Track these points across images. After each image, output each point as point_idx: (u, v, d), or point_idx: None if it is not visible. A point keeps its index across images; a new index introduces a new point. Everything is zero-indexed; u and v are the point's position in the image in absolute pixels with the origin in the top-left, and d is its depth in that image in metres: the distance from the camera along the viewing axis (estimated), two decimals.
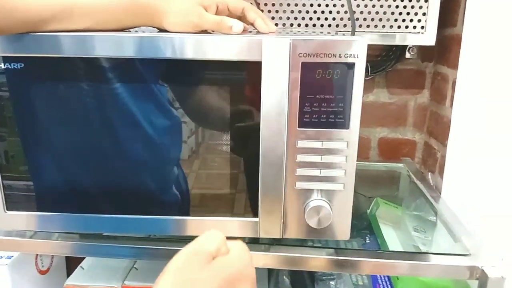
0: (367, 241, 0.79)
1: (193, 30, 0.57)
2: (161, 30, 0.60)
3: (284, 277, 0.77)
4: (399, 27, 0.89)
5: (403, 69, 1.02)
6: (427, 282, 0.76)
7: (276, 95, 0.53)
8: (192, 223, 0.62)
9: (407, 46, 0.94)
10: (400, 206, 0.90)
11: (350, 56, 0.53)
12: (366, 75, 1.00)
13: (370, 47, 0.98)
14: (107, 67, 0.57)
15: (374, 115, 1.06)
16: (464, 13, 0.81)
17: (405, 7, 0.87)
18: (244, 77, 0.56)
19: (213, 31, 0.59)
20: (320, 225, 0.59)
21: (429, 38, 0.89)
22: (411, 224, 0.83)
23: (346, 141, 0.56)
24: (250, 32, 0.61)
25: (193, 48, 0.54)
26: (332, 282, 0.76)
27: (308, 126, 0.56)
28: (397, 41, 0.90)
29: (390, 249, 0.73)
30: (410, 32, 0.89)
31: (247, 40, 0.53)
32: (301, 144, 0.56)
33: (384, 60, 1.00)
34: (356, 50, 0.53)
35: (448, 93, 0.91)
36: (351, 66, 0.53)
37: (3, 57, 0.56)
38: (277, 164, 0.55)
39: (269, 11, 0.90)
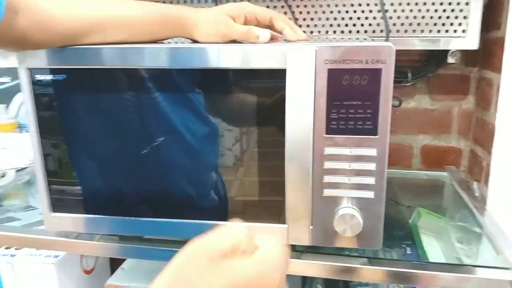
0: (408, 252, 0.77)
1: (222, 40, 0.59)
2: (194, 40, 0.62)
3: (318, 285, 0.77)
4: (438, 31, 0.86)
5: (446, 74, 0.99)
6: None
7: (302, 102, 0.54)
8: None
9: (449, 50, 0.91)
10: (444, 216, 0.86)
11: (377, 61, 0.53)
12: (407, 81, 0.98)
13: (410, 52, 0.96)
14: (145, 77, 0.60)
15: (416, 122, 1.03)
16: (507, 15, 0.77)
17: (444, 10, 0.85)
18: (271, 85, 0.57)
19: (241, 40, 0.60)
20: (349, 233, 0.58)
21: (471, 42, 0.86)
22: (455, 235, 0.80)
23: (376, 148, 0.55)
24: (284, 40, 0.62)
25: (221, 58, 0.56)
26: None
27: (336, 133, 0.56)
28: (438, 45, 0.88)
29: (431, 260, 0.71)
30: (451, 36, 0.87)
31: (272, 48, 0.54)
32: (329, 151, 0.56)
33: (425, 66, 0.98)
34: (383, 55, 0.52)
35: (493, 99, 0.87)
36: (378, 72, 0.53)
37: (46, 69, 0.60)
38: (303, 171, 0.56)
39: (304, 19, 0.90)
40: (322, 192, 0.58)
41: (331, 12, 0.89)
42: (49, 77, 0.61)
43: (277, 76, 0.55)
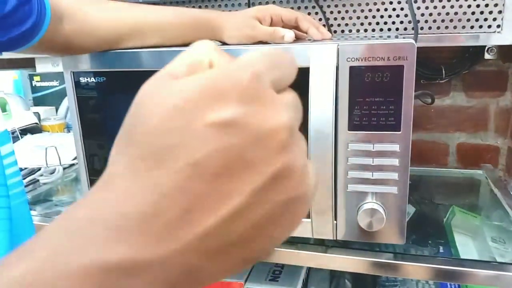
0: (441, 251, 0.76)
1: (249, 42, 0.62)
2: (223, 43, 0.65)
3: (346, 280, 0.78)
4: (472, 27, 0.85)
5: (482, 70, 0.97)
6: None
7: (325, 99, 0.55)
8: None
9: (484, 46, 0.89)
10: (479, 215, 0.85)
11: (398, 58, 0.53)
12: (441, 78, 0.97)
13: (444, 49, 0.95)
14: None
15: (452, 119, 1.02)
16: None
17: (478, 6, 0.84)
18: (295, 83, 0.59)
19: (268, 41, 0.62)
20: (372, 228, 0.59)
21: (507, 37, 0.84)
22: (490, 234, 0.79)
23: (398, 144, 0.56)
24: (309, 40, 0.64)
25: None
26: None
27: (359, 129, 0.57)
28: (472, 41, 0.86)
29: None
30: (484, 32, 0.85)
31: (295, 47, 0.56)
32: (352, 146, 0.58)
33: (460, 62, 0.96)
34: (404, 52, 0.53)
35: None
36: (400, 68, 0.54)
37: (87, 72, 0.65)
38: (326, 166, 0.57)
39: (335, 19, 0.91)
40: (347, 187, 0.59)
41: (362, 11, 0.89)
42: (91, 79, 0.66)
43: (302, 75, 0.57)
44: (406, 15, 0.87)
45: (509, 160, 0.98)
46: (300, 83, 0.57)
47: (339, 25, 0.91)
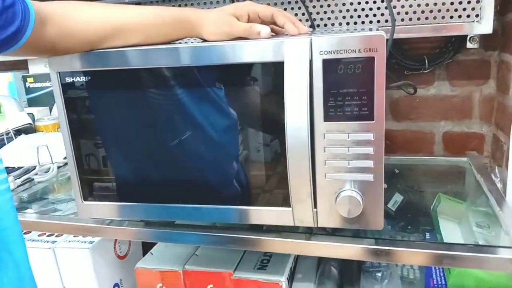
0: (427, 237, 0.78)
1: (227, 38, 0.64)
2: (203, 40, 0.67)
3: (332, 267, 0.80)
4: (451, 17, 0.87)
5: (466, 59, 0.99)
6: (480, 276, 0.74)
7: (300, 92, 0.57)
8: (236, 212, 0.68)
9: (466, 36, 0.91)
10: (464, 202, 0.87)
11: (369, 50, 0.55)
12: (424, 68, 0.99)
13: (426, 39, 0.97)
14: (162, 75, 0.65)
15: (437, 108, 1.03)
16: None
17: None
18: (272, 77, 0.61)
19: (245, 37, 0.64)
20: (351, 214, 0.61)
21: (485, 26, 0.86)
22: (474, 220, 0.81)
23: (372, 132, 0.58)
24: (286, 35, 0.66)
25: (223, 54, 0.61)
26: (378, 274, 0.77)
27: (334, 120, 0.59)
28: (451, 31, 0.88)
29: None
30: (464, 22, 0.87)
31: (269, 43, 0.58)
32: (328, 137, 0.60)
33: (443, 52, 0.98)
34: (374, 44, 0.55)
35: (511, 82, 0.86)
36: (371, 60, 0.55)
37: (74, 72, 0.67)
38: (303, 157, 0.59)
39: (318, 13, 0.93)
40: (325, 176, 0.61)
41: (344, 4, 0.91)
42: (76, 79, 0.68)
43: (277, 69, 0.59)
44: (386, 7, 0.89)
45: (494, 147, 1.00)
46: (275, 77, 0.59)
47: (321, 19, 0.93)
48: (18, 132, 1.10)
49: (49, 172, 1.00)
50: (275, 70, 0.59)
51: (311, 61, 0.57)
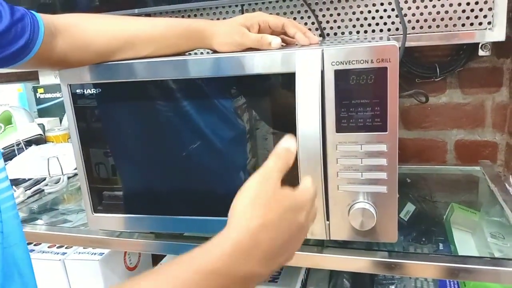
0: (440, 248, 0.77)
1: (238, 49, 0.63)
2: (214, 51, 0.67)
3: (345, 279, 0.79)
4: (463, 25, 0.86)
5: (477, 67, 0.98)
6: None
7: (312, 103, 0.57)
8: None
9: (478, 43, 0.90)
10: (478, 212, 0.85)
11: (382, 60, 0.55)
12: (435, 76, 0.98)
13: (438, 47, 0.96)
14: (172, 87, 0.65)
15: (449, 117, 1.02)
16: None
17: (468, 3, 0.85)
18: (283, 88, 0.60)
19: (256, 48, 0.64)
20: (364, 227, 0.60)
21: (498, 34, 0.85)
22: (489, 230, 0.79)
23: (386, 144, 0.57)
24: (296, 45, 0.65)
25: (234, 66, 0.60)
26: (391, 287, 0.75)
27: (346, 131, 0.58)
28: (463, 39, 0.87)
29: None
30: (476, 29, 0.86)
31: (281, 54, 0.58)
32: (341, 148, 0.59)
33: (455, 60, 0.97)
34: (387, 54, 0.54)
35: None
36: (383, 70, 0.55)
37: (83, 84, 0.67)
38: (315, 168, 0.58)
39: (328, 22, 0.93)
40: (337, 188, 0.61)
41: (354, 13, 0.91)
42: (87, 91, 0.68)
43: (288, 80, 0.58)
44: (397, 16, 0.88)
45: (507, 156, 0.99)
46: (287, 88, 0.58)
47: (331, 28, 0.93)
48: (29, 143, 1.10)
49: (59, 183, 1.00)
50: (286, 81, 0.59)
51: (322, 72, 0.56)
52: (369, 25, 0.91)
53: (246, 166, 0.66)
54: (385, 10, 0.89)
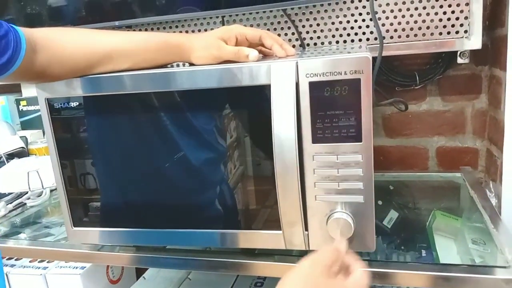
0: (423, 255, 0.77)
1: (215, 62, 0.64)
2: (191, 64, 0.67)
3: None
4: (440, 33, 0.87)
5: (457, 74, 0.99)
6: None
7: (287, 115, 0.57)
8: (226, 236, 0.67)
9: (457, 51, 0.91)
10: (460, 218, 0.86)
11: (355, 72, 0.55)
12: (415, 84, 0.99)
13: (417, 55, 0.97)
14: (152, 100, 0.65)
15: (429, 124, 1.03)
16: (509, 12, 0.77)
17: (445, 13, 0.86)
18: (259, 100, 0.61)
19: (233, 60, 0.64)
20: (342, 236, 0.60)
21: (474, 42, 0.86)
22: (470, 236, 0.80)
23: (361, 154, 0.58)
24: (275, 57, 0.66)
25: (210, 78, 0.61)
26: None
27: (322, 142, 0.58)
28: (441, 48, 0.88)
29: (443, 262, 0.71)
30: (453, 38, 0.87)
31: (256, 66, 0.58)
32: (318, 158, 0.59)
33: (434, 68, 0.98)
34: (360, 66, 0.55)
35: (502, 96, 0.86)
36: (357, 81, 0.55)
37: (61, 98, 0.67)
38: (292, 179, 0.59)
39: (307, 32, 0.94)
40: (315, 198, 0.61)
41: (333, 23, 0.91)
42: (64, 105, 0.68)
43: (264, 92, 0.59)
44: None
45: (488, 161, 1.00)
46: (263, 100, 0.59)
47: (311, 38, 0.93)
48: (11, 156, 1.09)
49: (42, 196, 1.00)
50: (262, 93, 0.59)
51: (297, 84, 0.57)
52: (348, 35, 0.92)
53: (226, 178, 0.67)
54: (363, 20, 0.90)
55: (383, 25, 0.89)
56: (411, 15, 0.87)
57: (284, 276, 0.48)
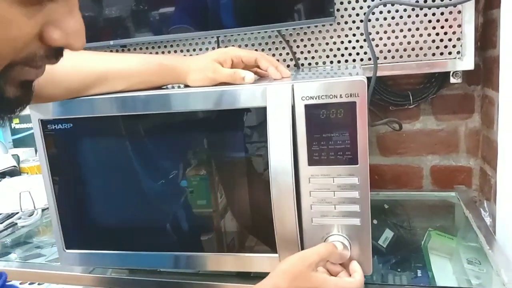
0: (419, 275, 0.77)
1: (211, 84, 0.64)
2: (187, 86, 0.67)
3: None
4: (433, 54, 0.88)
5: (450, 94, 1.00)
6: None
7: (283, 137, 0.57)
8: (221, 260, 0.66)
9: (449, 71, 0.92)
10: (455, 237, 0.86)
11: (350, 95, 0.55)
12: (409, 103, 1.00)
13: (410, 76, 0.98)
14: (148, 122, 0.65)
15: (423, 143, 1.04)
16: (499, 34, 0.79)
17: (437, 34, 0.87)
18: (255, 123, 0.61)
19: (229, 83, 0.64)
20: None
21: (467, 62, 0.87)
22: (465, 256, 0.80)
23: (357, 176, 0.58)
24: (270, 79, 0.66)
25: (205, 101, 0.60)
26: None
27: (318, 164, 0.58)
28: (434, 68, 0.89)
29: (439, 282, 0.71)
30: (446, 59, 0.88)
31: (252, 88, 0.58)
32: (314, 181, 0.59)
33: (427, 87, 0.99)
34: (355, 89, 0.55)
35: (495, 116, 0.87)
36: (352, 104, 0.55)
37: (55, 119, 0.67)
38: (288, 201, 0.58)
39: (302, 53, 0.94)
40: (311, 220, 0.60)
41: (327, 44, 0.92)
42: (58, 126, 0.67)
43: (260, 114, 0.59)
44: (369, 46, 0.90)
45: (481, 180, 1.00)
46: (259, 122, 0.59)
47: (305, 58, 0.94)
48: (3, 174, 1.08)
49: (33, 215, 0.98)
50: (258, 116, 0.59)
51: (293, 106, 0.57)
52: (342, 55, 0.92)
53: (220, 201, 0.66)
54: (357, 41, 0.91)
55: (377, 45, 0.89)
56: (405, 36, 0.88)
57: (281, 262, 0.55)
